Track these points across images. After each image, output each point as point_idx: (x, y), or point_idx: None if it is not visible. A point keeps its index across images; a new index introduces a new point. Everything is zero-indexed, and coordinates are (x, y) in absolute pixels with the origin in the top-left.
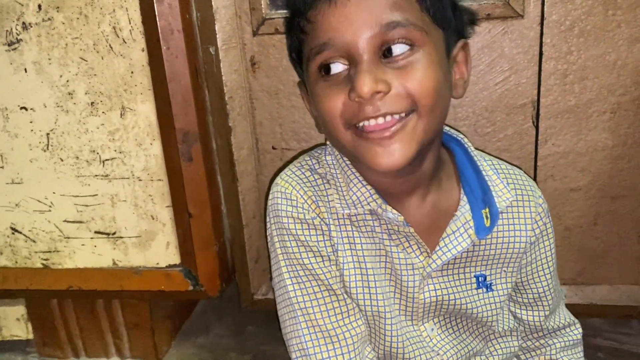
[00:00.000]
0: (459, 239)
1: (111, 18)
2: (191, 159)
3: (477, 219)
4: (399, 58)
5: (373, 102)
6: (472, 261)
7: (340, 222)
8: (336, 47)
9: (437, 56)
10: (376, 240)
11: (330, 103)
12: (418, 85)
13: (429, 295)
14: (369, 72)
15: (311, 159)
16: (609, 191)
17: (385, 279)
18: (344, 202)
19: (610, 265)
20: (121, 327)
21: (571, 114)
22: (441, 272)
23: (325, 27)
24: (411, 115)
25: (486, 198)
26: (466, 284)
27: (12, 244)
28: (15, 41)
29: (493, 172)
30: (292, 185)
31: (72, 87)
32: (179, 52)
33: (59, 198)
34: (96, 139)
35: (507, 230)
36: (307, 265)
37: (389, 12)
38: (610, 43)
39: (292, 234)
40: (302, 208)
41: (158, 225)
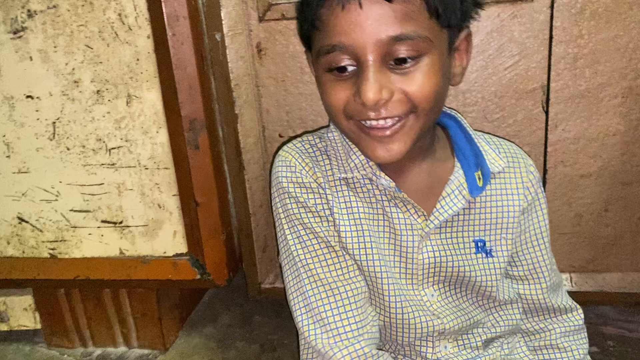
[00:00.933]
0: (454, 200)
1: (116, 5)
2: (198, 147)
3: (470, 180)
4: (405, 65)
5: (375, 107)
6: (470, 224)
7: (337, 187)
8: (345, 50)
9: (440, 61)
10: (374, 203)
11: (335, 98)
12: (419, 91)
13: (427, 256)
14: (375, 80)
15: (313, 136)
16: (620, 177)
17: (384, 241)
18: (342, 168)
19: (622, 253)
20: (128, 316)
21: (582, 99)
22: (440, 234)
23: (336, 30)
24: (409, 116)
25: (478, 161)
26: (465, 248)
27: (19, 233)
28: (21, 29)
29: (485, 142)
30: (292, 154)
31: (78, 75)
32: (185, 38)
33: (66, 187)
34: (102, 127)
35: (500, 194)
36: (307, 224)
37: (397, 24)
38: (621, 26)
39: (292, 196)
40: (299, 173)
41: (165, 214)
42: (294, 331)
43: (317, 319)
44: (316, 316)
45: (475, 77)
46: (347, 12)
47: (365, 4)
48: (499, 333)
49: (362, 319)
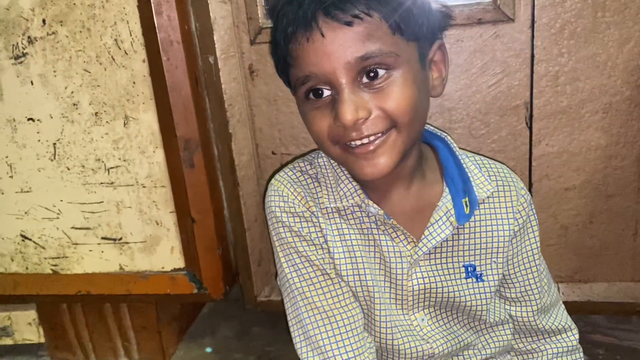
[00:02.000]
0: (442, 226)
1: (113, 31)
2: (193, 166)
3: (458, 207)
4: (376, 82)
5: (356, 127)
6: (460, 250)
7: (329, 215)
8: (318, 78)
9: (412, 72)
10: (365, 230)
11: (318, 126)
12: (395, 106)
13: (417, 282)
14: (350, 101)
15: (304, 162)
16: (603, 190)
17: (376, 267)
18: (332, 197)
19: (607, 263)
20: (129, 330)
21: (564, 115)
22: (429, 260)
23: (306, 62)
24: (391, 131)
25: (466, 187)
26: (454, 273)
27: (23, 250)
28: (22, 55)
29: (474, 166)
30: (284, 184)
31: (77, 98)
32: (179, 62)
33: (67, 205)
34: (101, 147)
35: (490, 219)
36: (302, 253)
37: (361, 45)
38: (600, 44)
39: (285, 225)
40: (292, 203)
41: (162, 230)
42: (290, 343)
43: (315, 346)
44: (314, 344)
45: (460, 95)
46: (313, 43)
47: (327, 33)
48: (490, 355)
49: (360, 346)
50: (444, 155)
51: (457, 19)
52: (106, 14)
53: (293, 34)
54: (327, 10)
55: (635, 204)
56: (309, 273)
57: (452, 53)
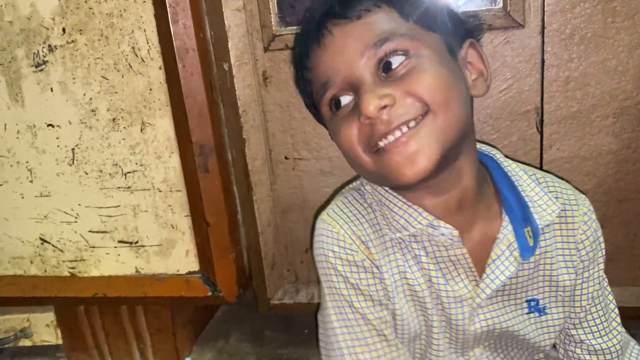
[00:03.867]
0: (505, 263)
1: (130, 39)
2: (208, 171)
3: (521, 239)
4: (397, 70)
5: (382, 118)
6: (522, 284)
7: (389, 249)
8: (337, 82)
9: (437, 56)
10: (424, 272)
11: (345, 133)
12: (422, 86)
13: (479, 326)
14: (370, 91)
15: (354, 191)
16: (615, 194)
17: (434, 312)
18: (392, 227)
19: (620, 268)
20: (144, 332)
21: (574, 120)
22: (492, 299)
23: (322, 69)
24: (426, 116)
25: (525, 215)
26: (516, 309)
27: (42, 253)
28: (42, 63)
29: (535, 184)
30: (340, 223)
31: (95, 104)
32: (194, 69)
33: (84, 209)
34: (118, 153)
35: (554, 248)
36: (357, 309)
37: (373, 33)
38: (610, 50)
39: (340, 274)
40: (350, 249)
41: (178, 234)
42: (302, 345)
43: None
44: None
45: None
46: (325, 48)
47: (336, 30)
48: None
49: None
50: (498, 178)
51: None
52: (124, 22)
53: (307, 46)
54: (333, 11)
55: None
56: (363, 332)
57: None
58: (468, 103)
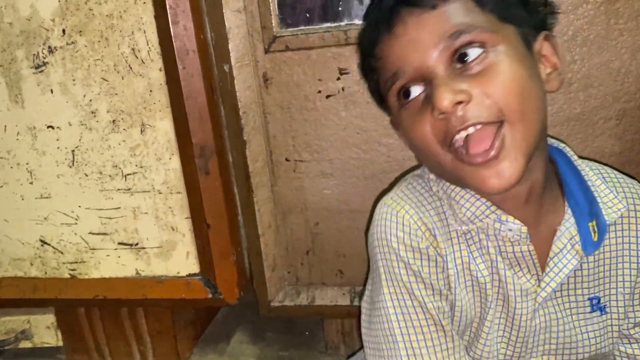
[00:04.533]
0: (567, 256)
1: (130, 40)
2: (208, 172)
3: (584, 233)
4: (473, 63)
5: (456, 113)
6: (584, 281)
7: (453, 240)
8: (407, 73)
9: (516, 52)
10: (489, 263)
11: (418, 128)
12: (500, 88)
13: (540, 321)
14: (445, 85)
15: (418, 177)
16: None
17: (497, 308)
18: (459, 219)
19: None
20: (145, 334)
21: (577, 122)
22: (554, 296)
23: (392, 59)
24: (503, 126)
25: (593, 210)
26: (579, 307)
27: (42, 255)
28: (42, 64)
29: (601, 180)
30: (405, 208)
31: (95, 106)
32: (195, 71)
33: (85, 211)
34: (118, 154)
35: (618, 245)
36: (417, 296)
37: (448, 23)
38: (613, 51)
39: (402, 260)
40: (415, 235)
41: (178, 235)
42: (304, 347)
43: None
44: None
45: None
46: (397, 37)
47: (410, 20)
48: None
49: None
50: (564, 170)
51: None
52: (124, 23)
53: (377, 34)
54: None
55: None
56: (420, 320)
57: None
58: (544, 101)
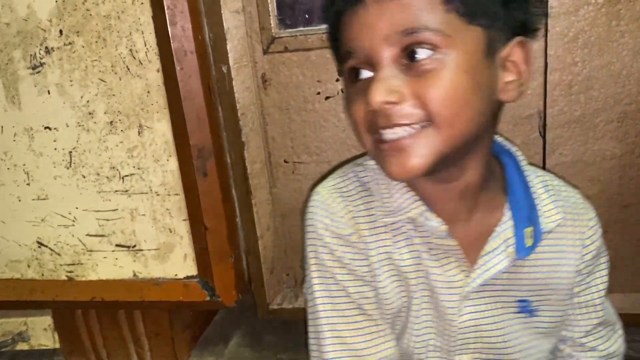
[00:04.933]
0: (499, 257)
1: (128, 41)
2: (206, 174)
3: (519, 237)
4: (421, 63)
5: (384, 112)
6: (515, 284)
7: (379, 234)
8: (358, 54)
9: (467, 59)
10: (414, 254)
11: (355, 108)
12: (435, 94)
13: (467, 317)
14: (383, 81)
15: (356, 166)
16: (618, 200)
17: (423, 299)
18: (385, 210)
19: (623, 274)
20: (142, 336)
21: (578, 124)
22: (481, 293)
23: (349, 36)
24: (427, 127)
25: (531, 216)
26: (506, 307)
27: (39, 257)
28: (39, 65)
29: (543, 189)
30: (333, 196)
31: (92, 107)
32: (193, 72)
33: (82, 213)
34: (116, 156)
35: (554, 253)
36: (340, 281)
37: (406, 19)
38: (614, 53)
39: (327, 246)
40: (339, 221)
41: (176, 238)
42: (302, 350)
43: None
44: None
45: None
46: (357, 17)
47: (371, 3)
48: None
49: None
50: (510, 174)
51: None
52: (121, 24)
53: (342, 8)
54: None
55: None
56: (343, 304)
57: None
58: (486, 112)
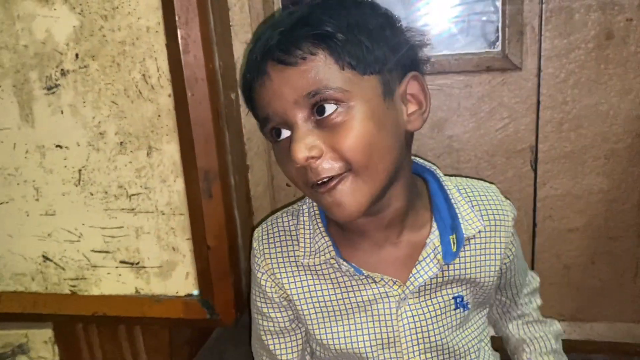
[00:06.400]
0: (429, 264)
1: (141, 66)
2: (211, 196)
3: (445, 244)
4: (330, 118)
5: (311, 166)
6: (449, 283)
7: (300, 271)
8: (274, 119)
9: (369, 105)
10: (342, 282)
11: (285, 168)
12: (348, 144)
13: (408, 322)
14: (301, 140)
15: (288, 213)
16: (605, 232)
17: (358, 316)
18: (307, 251)
19: (609, 303)
20: (142, 352)
21: (567, 159)
22: (418, 298)
23: (262, 104)
24: (347, 174)
25: (454, 224)
26: (445, 307)
27: (43, 270)
28: (54, 86)
29: (464, 200)
30: (258, 239)
31: (104, 127)
32: (203, 98)
33: (88, 229)
34: (124, 175)
35: (479, 254)
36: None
37: (307, 83)
38: (602, 94)
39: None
40: (259, 261)
41: (179, 256)
42: None
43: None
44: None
45: (469, 137)
46: (265, 87)
47: (274, 75)
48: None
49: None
50: (434, 190)
51: (467, 66)
52: (136, 50)
53: (250, 81)
54: (272, 54)
55: (636, 247)
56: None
57: (462, 97)
58: (397, 146)
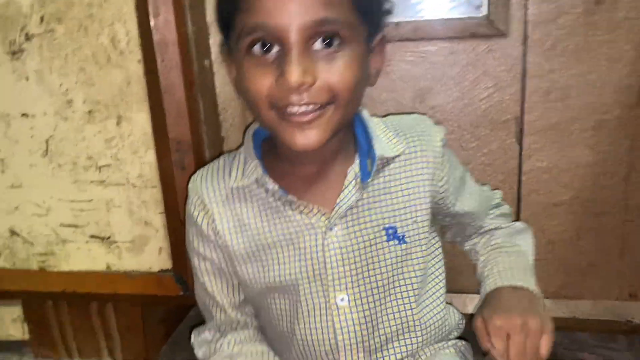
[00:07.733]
0: (351, 190)
1: (109, 30)
2: (184, 168)
3: (363, 168)
4: (328, 51)
5: (299, 91)
6: (377, 211)
7: (229, 200)
8: (268, 31)
9: (360, 52)
10: (271, 210)
11: (258, 84)
12: (341, 80)
13: (334, 252)
14: (299, 63)
15: (228, 154)
16: (591, 207)
17: (286, 248)
18: (239, 177)
19: (594, 280)
20: (114, 330)
21: (554, 131)
22: (345, 224)
23: (259, 9)
24: (329, 106)
25: (370, 148)
26: (375, 237)
27: (11, 246)
28: (18, 50)
29: (389, 129)
30: (194, 184)
31: (71, 95)
32: (174, 65)
33: (56, 202)
34: (93, 146)
35: (404, 177)
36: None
37: (322, 9)
38: (591, 63)
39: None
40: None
41: (151, 230)
42: None
43: None
44: None
45: (452, 107)
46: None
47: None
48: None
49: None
50: (357, 128)
51: (451, 32)
52: (104, 13)
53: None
54: None
55: (622, 223)
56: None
57: (446, 65)
58: (363, 92)
